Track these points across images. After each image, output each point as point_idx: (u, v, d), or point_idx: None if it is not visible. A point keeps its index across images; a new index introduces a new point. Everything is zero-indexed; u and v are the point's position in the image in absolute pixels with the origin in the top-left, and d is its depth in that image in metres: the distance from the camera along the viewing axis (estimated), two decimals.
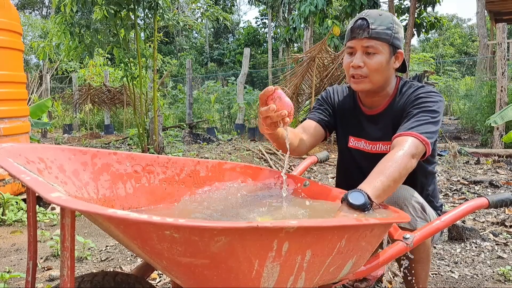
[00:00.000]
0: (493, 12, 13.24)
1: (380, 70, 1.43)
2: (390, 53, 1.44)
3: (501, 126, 6.73)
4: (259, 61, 27.36)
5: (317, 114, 1.67)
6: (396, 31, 1.43)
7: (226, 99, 12.20)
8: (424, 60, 21.64)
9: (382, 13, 1.44)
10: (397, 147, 1.28)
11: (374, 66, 1.42)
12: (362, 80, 1.45)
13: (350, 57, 1.47)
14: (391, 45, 1.43)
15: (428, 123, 1.35)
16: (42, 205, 3.58)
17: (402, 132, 1.34)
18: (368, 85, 1.46)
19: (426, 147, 1.32)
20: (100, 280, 1.07)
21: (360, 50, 1.43)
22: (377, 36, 1.40)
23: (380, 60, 1.42)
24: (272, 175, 1.59)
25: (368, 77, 1.44)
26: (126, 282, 1.11)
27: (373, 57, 1.42)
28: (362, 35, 1.41)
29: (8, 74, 3.52)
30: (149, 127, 6.55)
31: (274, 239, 0.83)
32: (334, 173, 5.13)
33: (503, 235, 2.78)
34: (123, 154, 1.32)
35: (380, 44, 1.41)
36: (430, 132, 1.34)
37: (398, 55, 1.47)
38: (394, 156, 1.24)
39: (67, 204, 0.70)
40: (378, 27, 1.40)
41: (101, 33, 6.15)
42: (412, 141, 1.29)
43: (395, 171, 1.19)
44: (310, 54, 6.48)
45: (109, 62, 16.06)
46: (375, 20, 1.40)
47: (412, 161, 1.26)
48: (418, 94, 1.45)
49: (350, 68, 1.46)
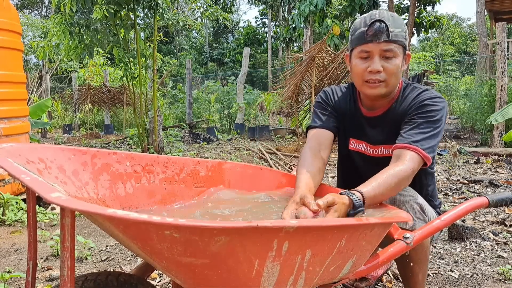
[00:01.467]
0: (493, 11, 13.25)
1: (397, 74, 1.41)
2: (403, 56, 1.42)
3: (501, 126, 6.73)
4: (259, 61, 27.37)
5: (327, 121, 1.60)
6: (406, 32, 1.41)
7: (226, 99, 12.20)
8: (424, 59, 21.66)
9: (392, 13, 1.41)
10: (398, 163, 1.30)
11: (393, 70, 1.39)
12: (379, 84, 1.41)
13: (365, 62, 1.41)
14: (404, 47, 1.41)
15: (432, 137, 1.35)
16: (42, 205, 3.58)
17: (406, 144, 1.34)
18: (384, 90, 1.42)
19: (427, 162, 1.34)
20: (104, 280, 1.08)
21: (378, 54, 1.37)
22: (396, 39, 1.36)
23: (397, 64, 1.39)
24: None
25: (386, 81, 1.40)
26: (129, 282, 1.12)
27: (391, 61, 1.38)
28: (381, 38, 1.35)
29: (7, 74, 3.52)
30: (149, 127, 6.55)
31: (274, 239, 0.83)
32: (334, 173, 5.14)
33: (503, 234, 2.78)
34: (123, 154, 1.32)
35: (397, 47, 1.38)
36: (432, 146, 1.34)
37: (407, 57, 1.46)
38: (393, 171, 1.27)
39: (67, 204, 0.70)
40: (396, 30, 1.36)
41: (101, 33, 6.15)
42: (413, 158, 1.31)
43: (391, 184, 1.25)
44: (310, 54, 6.47)
45: (109, 62, 16.07)
46: (391, 22, 1.36)
47: (409, 178, 1.30)
48: (423, 100, 1.41)
49: (367, 73, 1.41)
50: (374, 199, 1.22)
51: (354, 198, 1.16)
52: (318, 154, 1.50)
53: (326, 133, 1.57)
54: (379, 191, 1.22)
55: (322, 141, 1.55)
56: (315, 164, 1.45)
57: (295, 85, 6.85)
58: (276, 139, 9.24)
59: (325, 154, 1.53)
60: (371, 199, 1.21)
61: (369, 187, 1.22)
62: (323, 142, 1.54)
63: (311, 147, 1.51)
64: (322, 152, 1.52)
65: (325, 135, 1.57)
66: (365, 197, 1.18)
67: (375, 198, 1.22)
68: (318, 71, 6.71)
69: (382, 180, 1.24)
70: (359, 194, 1.18)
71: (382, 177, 1.25)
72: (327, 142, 1.55)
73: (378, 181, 1.24)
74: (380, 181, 1.24)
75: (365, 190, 1.20)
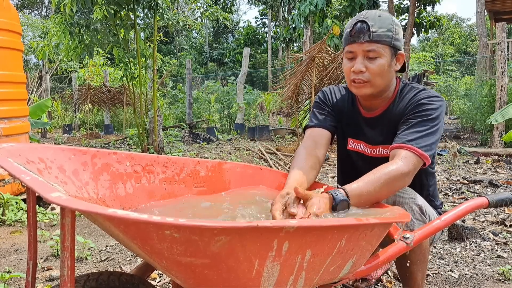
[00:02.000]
0: (493, 11, 13.26)
1: (382, 74, 1.40)
2: (392, 56, 1.40)
3: (501, 126, 6.73)
4: (258, 61, 27.38)
5: (324, 120, 1.60)
6: (397, 32, 1.39)
7: (226, 99, 12.20)
8: (424, 59, 21.68)
9: (381, 13, 1.40)
10: (391, 162, 1.30)
11: (377, 70, 1.39)
12: (363, 84, 1.42)
13: (350, 62, 1.42)
14: (392, 47, 1.39)
15: (428, 135, 1.34)
16: (42, 205, 3.58)
17: (401, 144, 1.33)
18: (370, 90, 1.43)
19: (425, 161, 1.32)
20: (106, 280, 1.09)
21: (361, 54, 1.39)
22: (379, 39, 1.36)
23: (382, 64, 1.38)
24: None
25: (370, 81, 1.40)
26: (130, 283, 1.13)
27: (375, 61, 1.38)
28: (363, 38, 1.36)
29: (7, 74, 3.52)
30: (148, 127, 6.55)
31: (274, 239, 0.83)
32: (334, 173, 5.14)
33: (503, 234, 2.78)
34: (123, 154, 1.32)
35: (381, 47, 1.37)
36: (430, 144, 1.33)
37: (399, 56, 1.43)
38: (384, 170, 1.26)
39: (67, 204, 0.70)
40: (379, 30, 1.36)
41: (101, 33, 6.15)
42: (408, 156, 1.30)
43: (379, 182, 1.24)
44: (310, 54, 6.47)
45: (108, 62, 16.07)
46: (375, 22, 1.36)
47: (405, 178, 1.29)
48: (420, 100, 1.41)
49: (351, 73, 1.42)
50: (361, 197, 1.22)
51: (333, 192, 1.19)
52: (312, 152, 1.50)
53: (322, 132, 1.57)
54: (366, 188, 1.22)
55: (318, 140, 1.55)
56: (308, 162, 1.46)
57: (295, 85, 6.85)
58: (276, 139, 9.24)
59: (320, 153, 1.53)
60: (357, 196, 1.21)
61: (356, 185, 1.23)
62: (319, 141, 1.55)
63: (306, 146, 1.53)
64: (318, 150, 1.52)
65: (321, 133, 1.57)
66: (349, 194, 1.20)
67: (362, 196, 1.22)
68: (318, 71, 6.71)
69: (370, 178, 1.24)
70: (341, 190, 1.21)
71: (372, 175, 1.25)
72: (323, 140, 1.56)
73: (366, 179, 1.25)
74: (369, 179, 1.24)
75: (351, 187, 1.22)
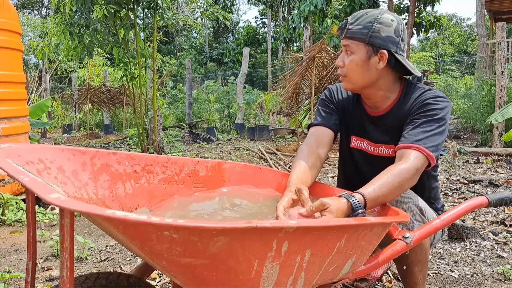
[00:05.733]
0: (493, 11, 13.26)
1: (355, 70, 1.42)
2: (367, 53, 1.39)
3: (501, 125, 6.72)
4: (258, 61, 27.38)
5: (328, 118, 1.60)
6: (377, 30, 1.37)
7: (226, 99, 12.20)
8: (424, 59, 21.66)
9: (370, 12, 1.41)
10: (401, 162, 1.28)
11: (349, 66, 1.43)
12: (343, 79, 1.48)
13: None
14: (369, 44, 1.38)
15: (435, 135, 1.33)
16: (42, 205, 3.57)
17: (408, 143, 1.32)
18: (349, 85, 1.47)
19: (431, 161, 1.31)
20: (115, 280, 1.11)
21: (343, 50, 1.45)
22: (352, 35, 1.40)
23: (354, 60, 1.41)
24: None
25: (347, 76, 1.46)
26: (137, 284, 1.15)
27: (350, 56, 1.42)
28: (342, 35, 1.43)
29: (7, 74, 3.52)
30: (148, 127, 6.55)
31: (274, 239, 0.83)
32: (334, 173, 5.14)
33: (503, 234, 2.78)
34: (123, 154, 1.32)
35: (355, 43, 1.40)
36: (436, 145, 1.32)
37: (382, 55, 1.40)
38: (396, 170, 1.25)
39: (66, 205, 0.70)
40: (355, 27, 1.39)
41: (101, 33, 6.15)
42: (417, 157, 1.29)
43: (394, 184, 1.22)
44: (310, 54, 6.46)
45: (108, 62, 16.05)
46: (355, 20, 1.40)
47: (414, 178, 1.28)
48: (426, 99, 1.40)
49: None
50: (376, 201, 1.20)
51: (353, 200, 1.15)
52: (314, 151, 1.50)
53: (325, 130, 1.57)
54: (381, 192, 1.20)
55: (321, 138, 1.55)
56: (309, 160, 1.46)
57: (294, 85, 6.84)
58: (276, 139, 9.24)
59: (322, 151, 1.53)
60: (374, 200, 1.19)
61: (371, 188, 1.19)
62: (322, 140, 1.55)
63: (308, 144, 1.53)
64: (320, 149, 1.52)
65: (324, 132, 1.57)
66: (367, 198, 1.17)
67: (378, 199, 1.20)
68: (318, 71, 6.70)
69: (385, 180, 1.22)
70: (359, 196, 1.16)
71: (385, 177, 1.23)
72: (325, 139, 1.55)
73: (380, 181, 1.22)
74: (383, 181, 1.22)
75: (367, 191, 1.18)
